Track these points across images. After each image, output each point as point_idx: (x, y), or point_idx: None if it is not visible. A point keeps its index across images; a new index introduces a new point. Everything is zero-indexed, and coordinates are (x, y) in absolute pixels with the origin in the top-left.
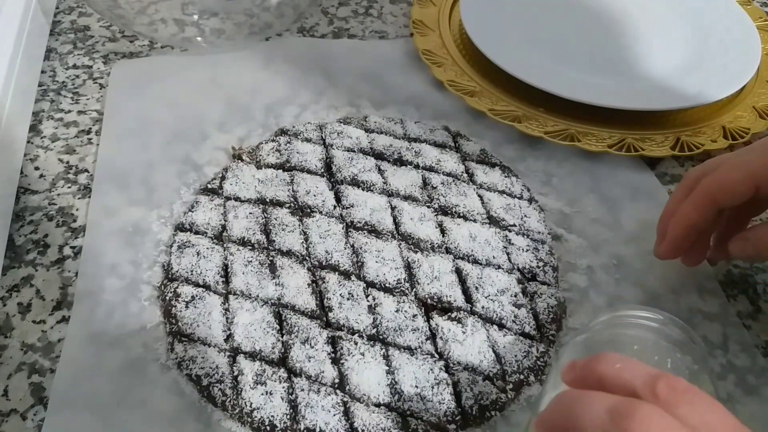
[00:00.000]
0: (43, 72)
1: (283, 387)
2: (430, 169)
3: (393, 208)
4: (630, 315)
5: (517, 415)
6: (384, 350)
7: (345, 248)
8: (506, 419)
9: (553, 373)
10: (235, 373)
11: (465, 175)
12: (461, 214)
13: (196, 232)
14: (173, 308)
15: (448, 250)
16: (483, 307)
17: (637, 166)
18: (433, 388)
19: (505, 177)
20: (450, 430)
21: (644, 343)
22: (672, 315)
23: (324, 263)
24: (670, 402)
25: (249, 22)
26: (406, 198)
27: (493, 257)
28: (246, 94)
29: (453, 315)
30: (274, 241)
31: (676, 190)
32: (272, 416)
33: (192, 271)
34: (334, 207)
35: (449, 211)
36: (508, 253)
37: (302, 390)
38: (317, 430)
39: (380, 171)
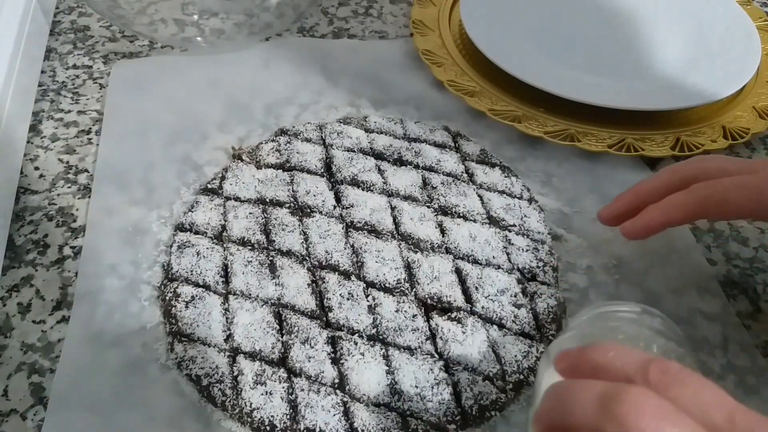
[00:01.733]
0: (43, 72)
1: (283, 387)
2: (430, 169)
3: (393, 208)
4: (608, 310)
5: (517, 415)
6: (384, 350)
7: (345, 248)
8: (506, 419)
9: (540, 374)
10: (235, 373)
11: (465, 175)
12: (461, 214)
13: (196, 232)
14: (173, 308)
15: (448, 250)
16: (483, 307)
17: (637, 166)
18: (433, 388)
19: (505, 177)
20: (450, 430)
21: (627, 333)
22: (646, 306)
23: (324, 263)
24: (663, 384)
25: (249, 22)
26: (406, 198)
27: (493, 257)
28: (246, 94)
29: (453, 315)
30: (274, 241)
31: (660, 176)
32: (272, 416)
33: (192, 271)
34: (334, 207)
35: (449, 211)
36: (508, 253)
37: (302, 390)
38: (317, 430)
39: (380, 171)
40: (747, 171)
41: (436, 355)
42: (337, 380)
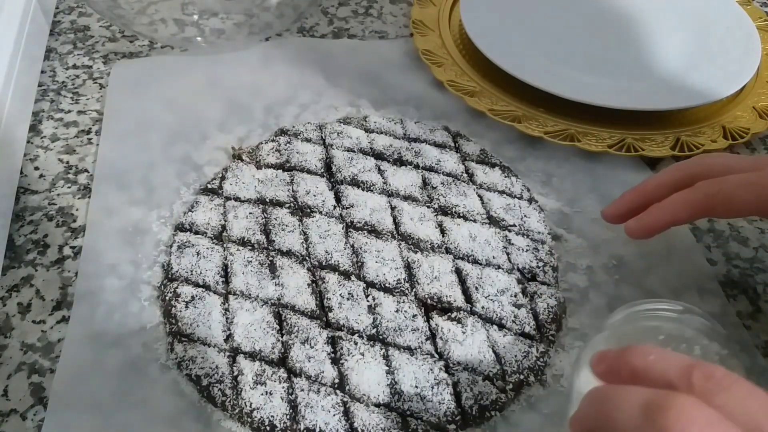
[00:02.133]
0: (43, 72)
1: (283, 387)
2: (430, 169)
3: (393, 208)
4: (647, 308)
5: (517, 415)
6: (384, 350)
7: (345, 248)
8: (506, 419)
9: (575, 374)
10: (235, 373)
11: (465, 175)
12: (461, 214)
13: (196, 232)
14: (173, 308)
15: (448, 250)
16: (483, 307)
17: (636, 166)
18: (433, 388)
19: (505, 177)
20: (450, 430)
21: (668, 333)
22: (688, 304)
23: (324, 263)
24: (708, 391)
25: (249, 22)
26: (406, 198)
27: (493, 257)
28: (246, 94)
29: (453, 315)
30: (274, 241)
31: (664, 174)
32: (272, 416)
33: (192, 271)
34: (334, 207)
35: (449, 211)
36: (508, 253)
37: (302, 390)
38: (317, 430)
39: (380, 171)
40: (752, 168)
41: (436, 355)
42: (337, 380)
